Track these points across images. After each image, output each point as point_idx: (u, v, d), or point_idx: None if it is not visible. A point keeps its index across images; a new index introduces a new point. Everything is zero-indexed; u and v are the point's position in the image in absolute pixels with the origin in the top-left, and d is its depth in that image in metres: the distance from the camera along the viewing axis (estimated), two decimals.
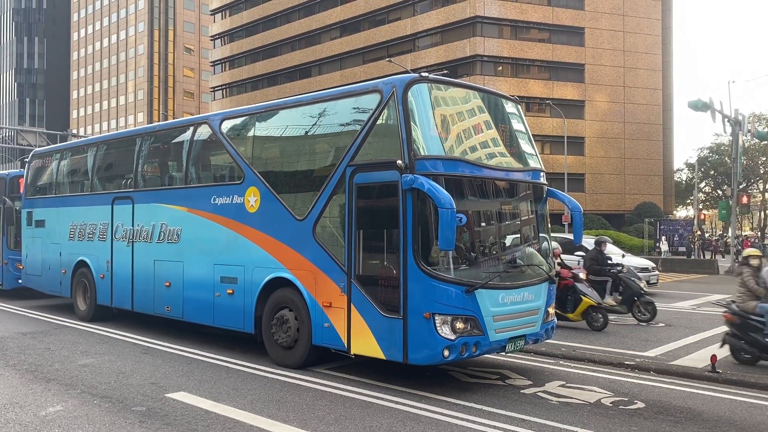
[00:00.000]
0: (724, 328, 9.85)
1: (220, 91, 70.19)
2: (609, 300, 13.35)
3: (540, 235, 8.80)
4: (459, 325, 7.27)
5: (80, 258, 13.07)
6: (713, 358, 8.81)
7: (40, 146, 33.93)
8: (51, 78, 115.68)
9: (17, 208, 16.30)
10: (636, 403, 7.32)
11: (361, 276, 7.81)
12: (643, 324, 13.08)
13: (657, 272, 21.37)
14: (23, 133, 40.53)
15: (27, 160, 16.19)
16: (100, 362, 9.06)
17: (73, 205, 13.55)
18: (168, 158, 11.97)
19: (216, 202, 9.92)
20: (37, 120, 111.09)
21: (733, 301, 9.87)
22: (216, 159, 10.79)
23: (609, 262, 14.11)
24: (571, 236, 14.52)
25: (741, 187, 48.00)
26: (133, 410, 6.71)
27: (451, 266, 7.38)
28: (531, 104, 48.22)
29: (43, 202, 14.70)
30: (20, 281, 15.83)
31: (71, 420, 6.36)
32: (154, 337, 11.12)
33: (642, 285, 13.54)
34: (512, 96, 9.16)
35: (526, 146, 8.80)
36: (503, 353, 8.42)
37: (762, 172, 67.80)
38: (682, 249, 39.23)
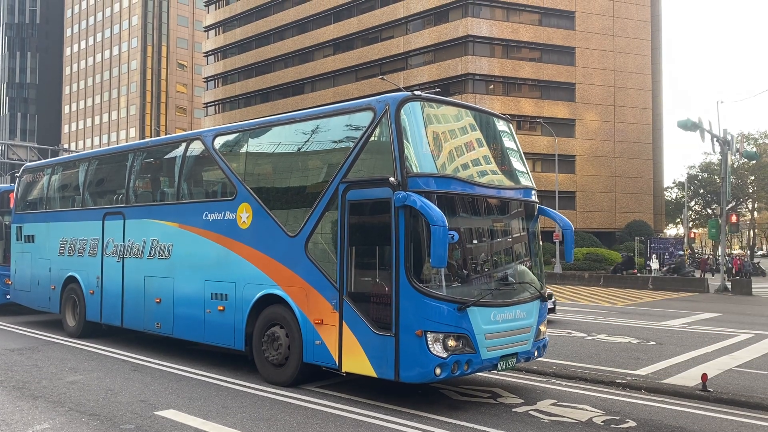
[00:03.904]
0: (715, 347, 9.86)
1: (213, 107, 70.33)
2: None
3: (531, 252, 8.83)
4: (451, 342, 7.26)
5: (70, 274, 12.98)
6: (704, 376, 8.82)
7: (31, 161, 33.81)
8: (43, 92, 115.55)
9: (7, 223, 16.20)
10: (627, 422, 7.31)
11: (353, 293, 7.79)
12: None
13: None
14: (14, 148, 40.40)
15: (18, 174, 16.13)
16: (89, 379, 8.96)
17: (64, 220, 13.48)
18: (160, 174, 11.95)
19: (208, 218, 9.90)
20: (28, 134, 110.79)
21: None
22: (208, 175, 10.78)
23: None
24: None
25: (730, 206, 48.34)
26: (122, 428, 6.64)
27: (443, 284, 7.38)
28: (522, 122, 48.58)
29: (34, 218, 14.62)
30: (8, 297, 15.69)
31: None
32: (144, 354, 11.03)
33: None
34: (504, 114, 9.23)
35: (517, 164, 8.86)
36: (495, 371, 8.41)
37: (751, 191, 68.39)
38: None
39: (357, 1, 56.18)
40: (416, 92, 7.93)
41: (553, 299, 16.13)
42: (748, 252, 76.82)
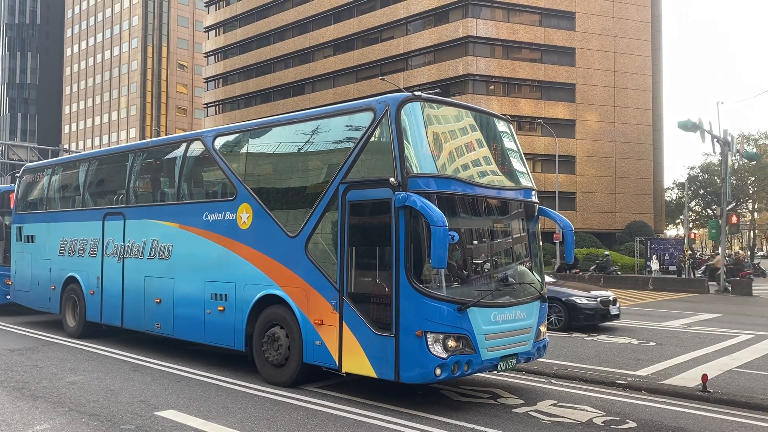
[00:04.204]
0: (716, 348, 9.86)
1: (213, 108, 70.35)
2: None
3: (531, 253, 8.82)
4: (451, 343, 7.26)
5: (70, 274, 12.99)
6: (704, 377, 8.82)
7: (31, 161, 33.82)
8: (43, 93, 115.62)
9: (7, 223, 16.21)
10: (627, 422, 7.31)
11: (353, 293, 7.79)
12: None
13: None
14: (14, 148, 40.40)
15: (18, 175, 16.13)
16: (89, 379, 8.97)
17: (64, 220, 13.48)
18: (160, 174, 11.95)
19: (208, 218, 9.90)
20: (28, 135, 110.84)
21: None
22: (208, 175, 10.78)
23: None
24: None
25: (730, 206, 48.33)
26: (122, 428, 6.64)
27: (444, 284, 7.38)
28: (522, 123, 48.59)
29: (34, 218, 14.62)
30: (9, 297, 15.69)
31: None
32: (144, 354, 11.03)
33: None
34: (504, 115, 9.23)
35: (517, 165, 8.86)
36: (495, 372, 8.41)
37: (751, 191, 68.39)
38: (672, 268, 39.35)
39: (357, 2, 56.19)
40: (416, 93, 7.92)
41: (617, 305, 15.44)
42: (749, 252, 76.82)
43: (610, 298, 15.26)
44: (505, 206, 8.47)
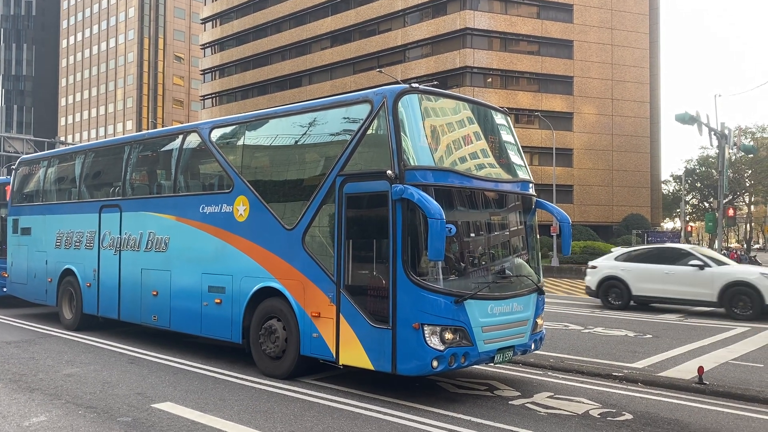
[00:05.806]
0: (711, 340, 9.88)
1: (210, 100, 70.15)
2: None
3: (529, 246, 8.83)
4: (448, 335, 7.26)
5: (66, 266, 12.96)
6: (700, 369, 8.84)
7: (27, 153, 33.71)
8: (39, 85, 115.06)
9: (3, 215, 16.16)
10: (624, 414, 7.33)
11: (351, 286, 7.79)
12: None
13: None
14: (10, 140, 40.23)
15: (14, 167, 16.07)
16: (86, 372, 8.96)
17: (60, 213, 13.45)
18: (156, 166, 11.91)
19: (205, 210, 9.88)
20: (24, 127, 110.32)
21: None
22: (205, 167, 10.75)
23: None
24: None
25: (727, 199, 48.41)
26: (119, 420, 6.64)
27: (441, 276, 7.38)
28: (520, 116, 48.56)
29: (30, 210, 14.58)
30: (5, 289, 15.66)
31: (55, 431, 6.28)
32: (141, 346, 11.03)
33: None
34: (501, 107, 9.21)
35: (515, 157, 8.85)
36: (492, 364, 8.42)
37: (748, 185, 68.47)
38: None
39: None
40: (414, 85, 7.90)
41: None
42: (745, 245, 77.01)
43: None
44: (503, 199, 8.46)
